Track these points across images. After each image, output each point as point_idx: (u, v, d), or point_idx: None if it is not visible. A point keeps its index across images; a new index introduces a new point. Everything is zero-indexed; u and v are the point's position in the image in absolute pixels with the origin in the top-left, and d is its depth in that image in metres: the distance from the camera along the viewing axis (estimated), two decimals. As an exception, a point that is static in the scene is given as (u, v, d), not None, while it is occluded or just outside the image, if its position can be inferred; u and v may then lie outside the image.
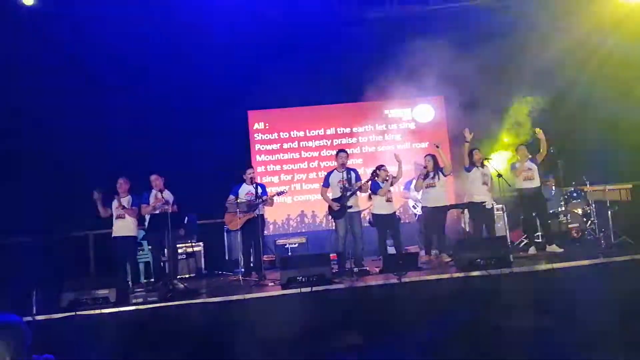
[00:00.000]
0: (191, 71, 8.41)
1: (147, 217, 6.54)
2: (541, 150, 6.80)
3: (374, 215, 6.90)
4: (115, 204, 6.47)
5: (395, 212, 6.88)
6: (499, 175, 6.62)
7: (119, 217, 6.44)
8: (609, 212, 6.67)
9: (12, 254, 6.90)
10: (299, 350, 4.37)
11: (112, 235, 6.46)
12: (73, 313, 4.83)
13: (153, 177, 6.63)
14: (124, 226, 6.43)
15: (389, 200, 6.75)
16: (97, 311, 4.89)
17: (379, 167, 6.82)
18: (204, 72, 8.44)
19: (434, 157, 6.84)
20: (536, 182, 6.82)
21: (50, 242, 7.38)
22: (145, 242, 7.59)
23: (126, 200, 6.53)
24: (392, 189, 6.82)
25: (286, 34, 8.60)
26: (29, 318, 4.71)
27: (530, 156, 6.83)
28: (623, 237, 6.59)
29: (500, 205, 7.28)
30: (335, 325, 4.67)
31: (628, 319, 4.82)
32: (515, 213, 7.52)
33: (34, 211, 7.11)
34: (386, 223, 6.76)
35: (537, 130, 6.77)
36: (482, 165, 6.81)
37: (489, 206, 6.73)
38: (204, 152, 8.47)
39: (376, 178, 6.63)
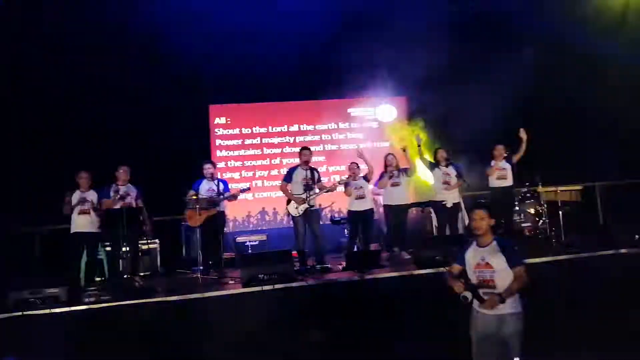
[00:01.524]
0: (152, 62, 8.15)
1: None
2: (520, 150, 6.96)
3: (348, 211, 6.97)
4: (76, 198, 6.16)
5: (369, 209, 6.88)
6: (459, 176, 6.79)
7: (84, 212, 6.15)
8: (560, 212, 6.98)
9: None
10: (262, 347, 4.31)
11: (73, 231, 6.15)
12: (20, 313, 4.56)
13: (122, 170, 6.43)
14: (88, 222, 6.17)
15: (360, 197, 6.79)
16: (47, 311, 4.64)
17: (350, 166, 6.92)
18: (165, 64, 8.21)
19: (395, 156, 6.95)
20: (509, 182, 7.04)
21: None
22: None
23: (91, 195, 6.26)
24: (365, 185, 6.88)
25: (250, 28, 8.46)
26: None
27: (506, 155, 7.02)
28: (573, 236, 6.88)
29: (457, 202, 7.48)
30: (298, 323, 4.65)
31: (577, 313, 5.09)
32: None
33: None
34: (357, 219, 6.82)
35: (521, 130, 6.91)
36: (446, 165, 6.96)
37: (449, 205, 6.89)
38: (162, 147, 8.21)
39: (350, 176, 6.75)
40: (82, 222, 6.15)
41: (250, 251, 7.79)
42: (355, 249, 6.98)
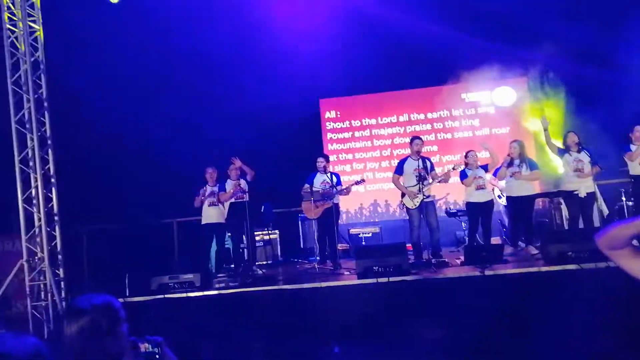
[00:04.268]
0: (263, 60, 8.53)
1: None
2: None
3: (467, 203, 6.68)
4: (207, 191, 6.72)
5: (490, 200, 6.54)
6: (595, 163, 6.09)
7: (213, 204, 6.69)
8: None
9: (107, 241, 7.44)
10: (376, 339, 4.32)
11: (204, 222, 6.71)
12: (162, 296, 5.12)
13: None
14: (217, 213, 6.70)
15: (480, 187, 6.46)
16: (184, 295, 5.15)
17: (467, 154, 6.59)
18: (275, 60, 8.54)
19: (520, 143, 6.45)
20: None
21: (140, 230, 7.88)
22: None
23: (216, 189, 6.80)
24: (486, 176, 6.54)
25: (357, 20, 8.44)
26: (122, 300, 5.06)
27: None
28: None
29: (592, 192, 6.70)
30: (413, 318, 4.57)
31: None
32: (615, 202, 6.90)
33: (126, 201, 7.64)
34: (477, 212, 6.50)
35: None
36: (578, 150, 6.29)
37: (582, 194, 6.20)
38: (278, 141, 8.59)
39: (466, 165, 6.44)
40: (213, 214, 6.68)
41: (363, 243, 7.85)
42: (475, 243, 6.65)
